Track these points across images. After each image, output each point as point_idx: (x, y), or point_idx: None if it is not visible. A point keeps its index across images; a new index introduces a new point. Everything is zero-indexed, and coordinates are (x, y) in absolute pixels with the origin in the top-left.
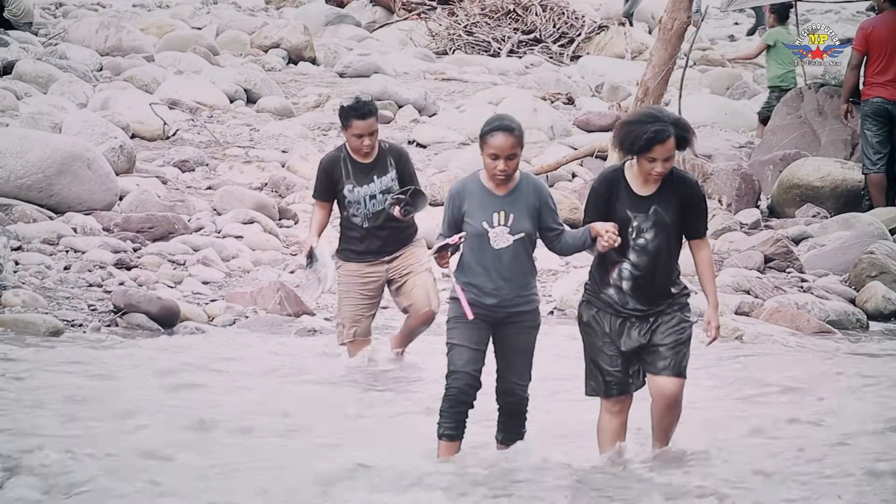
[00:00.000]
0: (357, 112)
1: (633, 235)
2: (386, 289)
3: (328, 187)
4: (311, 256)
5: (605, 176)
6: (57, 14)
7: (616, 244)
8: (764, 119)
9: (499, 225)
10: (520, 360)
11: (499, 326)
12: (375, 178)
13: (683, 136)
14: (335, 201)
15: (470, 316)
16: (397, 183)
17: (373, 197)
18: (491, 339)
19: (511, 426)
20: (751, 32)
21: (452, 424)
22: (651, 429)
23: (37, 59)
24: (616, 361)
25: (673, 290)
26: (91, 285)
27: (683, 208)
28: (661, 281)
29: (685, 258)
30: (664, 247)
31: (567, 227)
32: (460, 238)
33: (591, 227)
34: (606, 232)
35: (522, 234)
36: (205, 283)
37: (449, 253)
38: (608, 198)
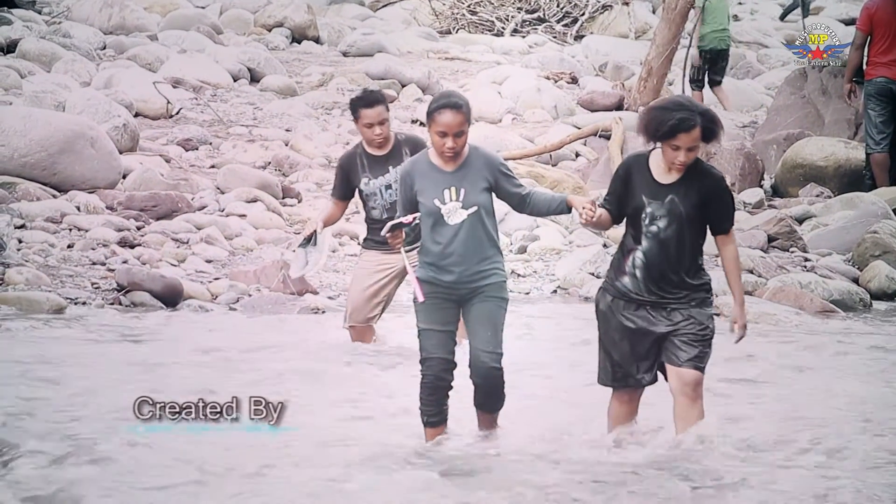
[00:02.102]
0: (364, 101)
1: (647, 222)
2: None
3: (345, 184)
4: (310, 238)
5: (628, 160)
6: None
7: (590, 221)
8: (691, 82)
9: (451, 201)
10: (484, 329)
11: (464, 303)
12: (391, 168)
13: (710, 127)
14: (351, 199)
15: (420, 298)
16: None
17: (388, 187)
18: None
19: (486, 399)
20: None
21: (434, 411)
22: (675, 428)
23: (40, 37)
24: (627, 357)
25: (690, 281)
26: (94, 263)
27: (705, 202)
28: (673, 271)
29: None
30: (676, 237)
31: (533, 189)
32: (414, 218)
33: (569, 199)
34: (584, 209)
35: (476, 208)
36: (208, 261)
37: (403, 233)
38: (626, 181)
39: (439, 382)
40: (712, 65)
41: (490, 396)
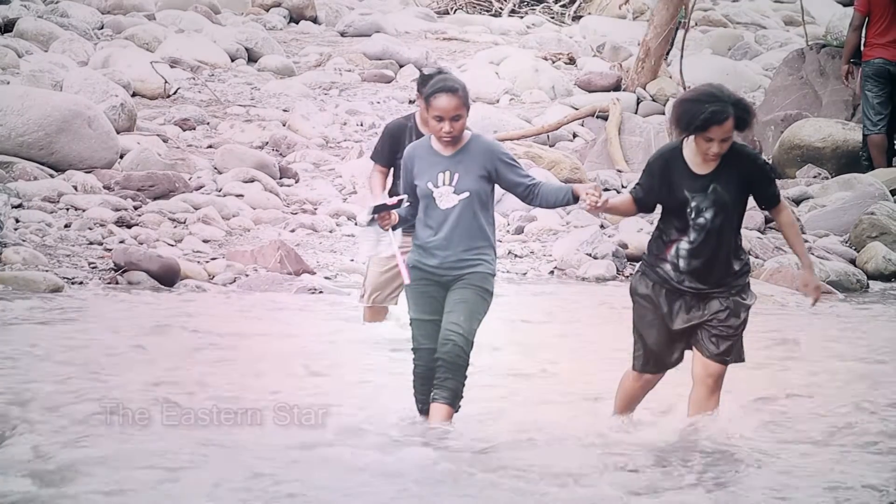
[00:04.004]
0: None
1: (693, 216)
2: None
3: (390, 152)
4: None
5: (662, 154)
6: None
7: (597, 206)
8: None
9: (443, 185)
10: (458, 312)
11: (448, 291)
12: None
13: (743, 117)
14: (392, 167)
15: (407, 280)
16: None
17: None
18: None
19: (445, 381)
20: None
21: (427, 399)
22: (688, 408)
23: (38, 16)
24: (663, 341)
25: (735, 267)
26: (91, 243)
27: (746, 184)
28: (721, 259)
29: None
30: (725, 225)
31: (541, 180)
32: (399, 200)
33: (573, 188)
34: (588, 195)
35: (468, 194)
36: (205, 241)
37: (393, 215)
38: (662, 177)
39: (430, 373)
40: None
41: (449, 374)
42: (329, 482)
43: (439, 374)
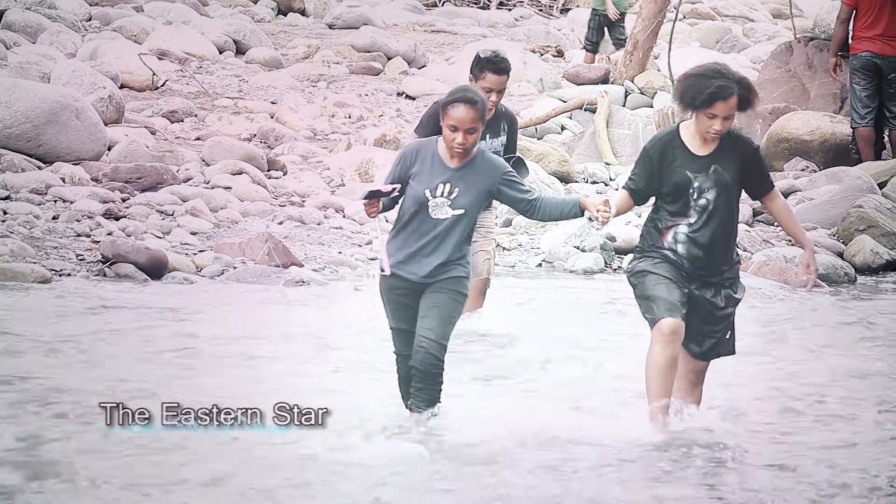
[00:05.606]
0: (494, 66)
1: (695, 196)
2: None
3: (433, 132)
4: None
5: (659, 138)
6: None
7: (607, 222)
8: (588, 42)
9: (441, 196)
10: (431, 317)
11: (423, 294)
12: (487, 137)
13: (746, 96)
14: None
15: (387, 271)
16: (503, 150)
17: None
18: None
19: (420, 391)
20: None
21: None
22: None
23: (26, 8)
24: (673, 293)
25: (731, 253)
26: (79, 235)
27: (744, 167)
28: (721, 243)
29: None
30: (725, 206)
31: (542, 194)
32: (393, 188)
33: (582, 202)
34: (599, 212)
35: (462, 211)
36: (193, 233)
37: (380, 202)
38: (661, 161)
39: (411, 375)
40: (611, 29)
41: (423, 384)
42: (314, 476)
43: (414, 384)
